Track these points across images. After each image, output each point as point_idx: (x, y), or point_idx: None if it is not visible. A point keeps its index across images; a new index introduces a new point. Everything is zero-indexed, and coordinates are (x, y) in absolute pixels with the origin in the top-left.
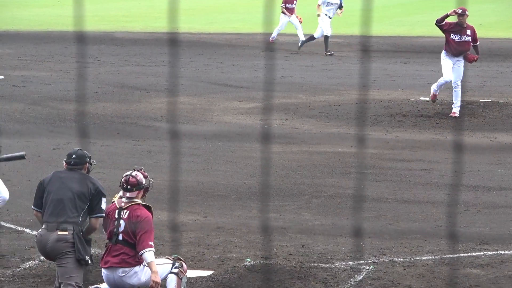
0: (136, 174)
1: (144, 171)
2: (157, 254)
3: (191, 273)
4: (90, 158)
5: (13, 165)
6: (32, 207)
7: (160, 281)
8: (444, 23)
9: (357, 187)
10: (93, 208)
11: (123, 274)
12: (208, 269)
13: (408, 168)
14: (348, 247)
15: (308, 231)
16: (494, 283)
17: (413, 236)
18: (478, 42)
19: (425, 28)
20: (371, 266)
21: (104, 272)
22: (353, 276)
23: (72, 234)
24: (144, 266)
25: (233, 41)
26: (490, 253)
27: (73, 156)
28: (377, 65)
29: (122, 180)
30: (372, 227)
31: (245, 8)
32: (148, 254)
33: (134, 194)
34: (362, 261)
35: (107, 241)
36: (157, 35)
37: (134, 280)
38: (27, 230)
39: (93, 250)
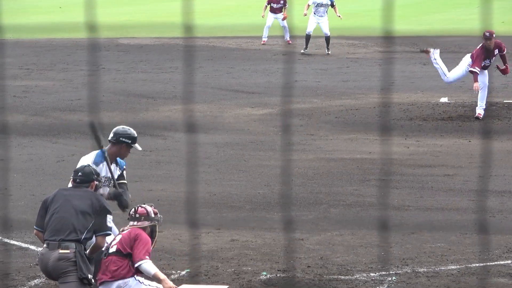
0: (145, 206)
1: (154, 208)
2: (169, 268)
3: None
4: (98, 175)
5: (15, 179)
6: (34, 227)
7: (172, 285)
8: (477, 67)
9: (377, 195)
10: (98, 225)
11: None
12: (223, 283)
13: (430, 174)
14: (369, 258)
15: (327, 242)
16: None
17: (437, 245)
18: (505, 52)
19: (445, 26)
20: (394, 278)
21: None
22: None
23: (74, 252)
24: (136, 279)
25: (244, 45)
26: None
27: (79, 174)
28: (396, 67)
29: (130, 212)
30: (394, 237)
31: (255, 10)
32: (147, 265)
33: (141, 224)
34: (384, 272)
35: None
36: (164, 40)
37: None
38: (32, 247)
39: None
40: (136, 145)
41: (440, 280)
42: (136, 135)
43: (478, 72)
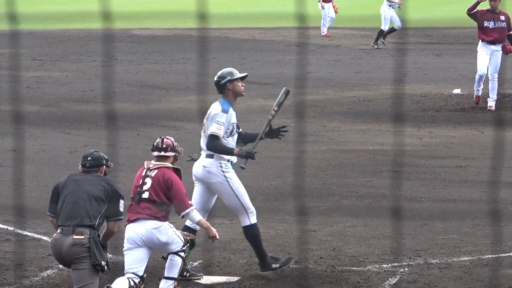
0: (170, 138)
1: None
2: None
3: (217, 279)
4: (107, 160)
5: (28, 170)
6: (48, 213)
7: (215, 233)
8: (475, 11)
9: (389, 186)
10: (111, 211)
11: (156, 227)
12: (235, 274)
13: (443, 165)
14: (381, 249)
15: (339, 233)
16: None
17: (450, 236)
18: None
19: (458, 17)
20: (406, 269)
21: (129, 227)
22: (387, 280)
23: (88, 238)
24: (169, 224)
25: (257, 36)
26: None
27: (89, 158)
28: (408, 58)
29: (155, 142)
30: (406, 228)
31: (269, 1)
32: (194, 213)
33: (168, 153)
34: (396, 264)
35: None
36: (177, 31)
37: (164, 237)
38: (45, 238)
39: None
40: (237, 73)
41: (453, 272)
42: (226, 70)
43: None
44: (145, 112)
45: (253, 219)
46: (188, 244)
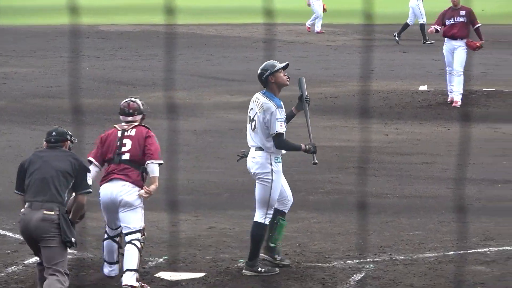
0: (135, 100)
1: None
2: (147, 255)
3: (182, 276)
4: (71, 135)
5: None
6: (15, 191)
7: (149, 193)
8: (441, 25)
9: (355, 182)
10: (78, 184)
11: (123, 187)
12: (201, 271)
13: (409, 161)
14: (346, 246)
15: (305, 229)
16: (500, 280)
17: (415, 232)
18: (479, 24)
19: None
20: (371, 265)
21: (103, 187)
22: (352, 276)
23: (58, 214)
24: (139, 193)
25: (224, 32)
26: (495, 249)
27: (53, 134)
28: (375, 55)
29: (122, 105)
30: (372, 224)
31: None
32: (156, 167)
33: (136, 118)
34: (361, 260)
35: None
36: (144, 27)
37: (130, 197)
38: (10, 234)
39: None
40: (278, 65)
41: (418, 268)
42: (269, 62)
43: (438, 29)
44: (112, 108)
45: (267, 221)
46: (145, 236)
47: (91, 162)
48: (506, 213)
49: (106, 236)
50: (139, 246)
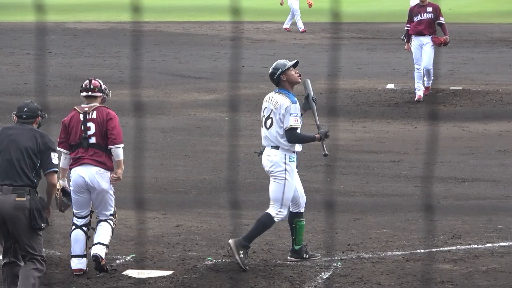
0: (97, 79)
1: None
2: (114, 253)
3: (150, 274)
4: (41, 111)
5: None
6: None
7: (118, 177)
8: (410, 25)
9: (323, 181)
10: (44, 164)
11: (100, 172)
12: (168, 269)
13: (376, 160)
14: (314, 244)
15: (272, 227)
16: (467, 279)
17: (382, 230)
18: (443, 20)
19: (393, 12)
20: (339, 263)
21: (74, 170)
22: (320, 274)
23: (29, 199)
24: (109, 178)
25: (191, 30)
26: (463, 247)
27: (25, 109)
28: (342, 53)
29: (84, 84)
30: (339, 222)
31: None
32: (121, 150)
33: (96, 94)
34: (329, 258)
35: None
36: (111, 25)
37: (105, 185)
38: None
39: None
40: (288, 63)
41: (385, 266)
42: (279, 62)
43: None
44: (79, 105)
45: (277, 218)
46: (116, 219)
47: (61, 153)
48: (473, 212)
49: (73, 227)
50: (112, 225)
